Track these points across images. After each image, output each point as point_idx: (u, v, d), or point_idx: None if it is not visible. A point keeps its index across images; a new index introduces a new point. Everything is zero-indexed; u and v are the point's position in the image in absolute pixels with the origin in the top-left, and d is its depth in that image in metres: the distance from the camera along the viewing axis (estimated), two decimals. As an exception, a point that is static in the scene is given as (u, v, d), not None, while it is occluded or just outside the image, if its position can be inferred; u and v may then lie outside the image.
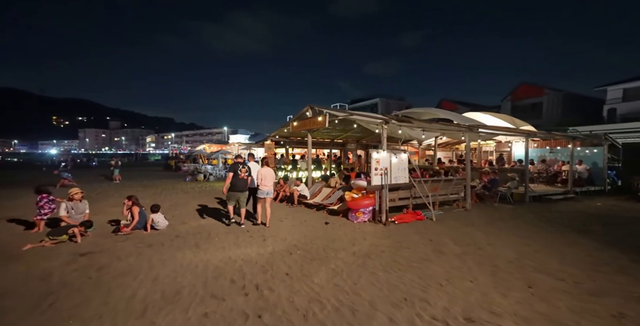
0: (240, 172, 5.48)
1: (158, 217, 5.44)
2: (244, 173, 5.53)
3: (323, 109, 8.49)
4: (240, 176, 5.47)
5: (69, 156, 43.31)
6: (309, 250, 4.28)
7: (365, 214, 6.14)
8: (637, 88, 21.94)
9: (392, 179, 6.08)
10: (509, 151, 14.46)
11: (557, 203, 8.27)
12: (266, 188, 5.60)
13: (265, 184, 5.59)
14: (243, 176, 5.50)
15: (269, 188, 5.64)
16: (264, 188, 5.61)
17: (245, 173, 5.55)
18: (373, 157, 5.98)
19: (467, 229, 5.37)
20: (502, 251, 4.09)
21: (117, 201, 8.49)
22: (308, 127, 9.05)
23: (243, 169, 5.53)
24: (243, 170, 5.52)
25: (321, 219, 6.39)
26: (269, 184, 5.61)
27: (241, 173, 5.48)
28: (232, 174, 5.43)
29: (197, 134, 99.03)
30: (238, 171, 5.48)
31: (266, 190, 5.61)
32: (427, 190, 6.55)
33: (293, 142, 13.74)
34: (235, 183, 5.42)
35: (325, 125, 8.10)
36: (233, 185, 5.44)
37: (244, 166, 5.59)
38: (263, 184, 5.59)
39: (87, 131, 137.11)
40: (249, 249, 4.37)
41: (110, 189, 11.37)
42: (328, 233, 5.24)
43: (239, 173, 5.47)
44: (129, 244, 4.56)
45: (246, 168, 5.59)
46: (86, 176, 17.25)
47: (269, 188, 5.63)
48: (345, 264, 3.67)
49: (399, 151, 6.30)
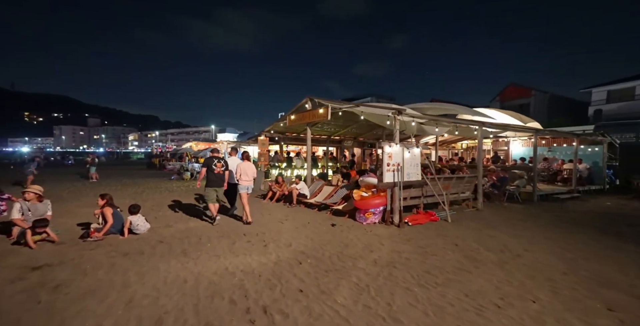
0: (215, 167, 5.15)
1: (137, 219, 4.61)
2: (220, 168, 5.21)
3: (324, 101, 7.84)
4: (216, 171, 5.16)
5: (42, 153, 40.38)
6: (320, 258, 3.62)
7: (375, 215, 5.54)
8: (621, 90, 22.74)
9: (404, 176, 5.52)
10: (506, 149, 14.37)
11: (566, 203, 8.02)
12: (247, 183, 5.38)
13: (245, 179, 5.35)
14: (219, 171, 5.19)
15: (250, 183, 5.42)
16: (244, 183, 5.37)
17: (222, 167, 5.23)
18: (385, 151, 5.39)
19: (490, 232, 4.87)
20: (545, 259, 3.56)
21: (90, 201, 7.49)
22: (307, 121, 8.38)
23: (218, 163, 5.21)
24: (218, 165, 5.20)
25: (326, 221, 5.74)
26: (250, 179, 5.39)
27: (216, 167, 5.16)
28: (206, 169, 5.14)
29: (184, 133, 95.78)
30: (212, 165, 5.15)
31: (246, 185, 5.39)
32: (440, 189, 6.04)
33: (288, 139, 13.01)
34: (211, 178, 5.14)
35: (327, 118, 7.45)
36: (210, 181, 5.15)
37: (220, 160, 5.27)
38: (243, 179, 5.34)
39: (63, 128, 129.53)
40: (249, 257, 3.65)
41: (84, 188, 10.23)
42: (337, 237, 4.59)
43: (213, 168, 5.14)
44: (99, 253, 3.73)
45: (222, 162, 5.27)
46: (60, 175, 15.79)
47: (249, 182, 5.40)
48: (369, 277, 3.04)
49: (411, 145, 5.75)
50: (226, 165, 5.33)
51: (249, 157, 5.65)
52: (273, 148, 14.91)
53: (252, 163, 5.59)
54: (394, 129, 5.52)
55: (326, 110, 7.52)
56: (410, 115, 5.59)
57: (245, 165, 5.42)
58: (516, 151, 14.20)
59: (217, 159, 5.27)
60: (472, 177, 6.85)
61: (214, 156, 5.33)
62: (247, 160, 5.54)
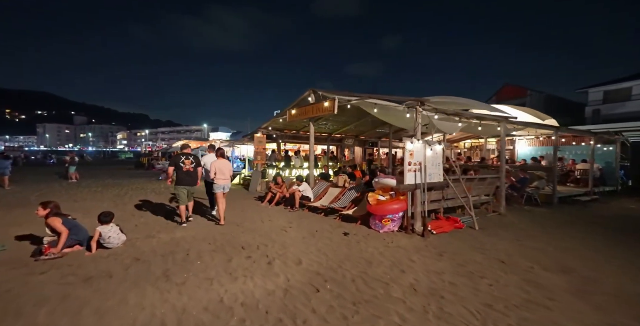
0: (183, 164, 4.85)
1: (109, 230, 3.73)
2: (189, 165, 4.90)
3: (330, 93, 7.07)
4: (185, 168, 4.86)
5: (21, 152, 38.24)
6: (341, 282, 2.85)
7: (393, 222, 4.81)
8: (617, 90, 22.79)
9: (427, 177, 4.81)
10: (511, 148, 13.93)
11: (587, 206, 7.49)
12: (222, 182, 5.04)
13: (221, 177, 5.02)
14: (188, 169, 4.89)
15: (226, 182, 5.10)
16: (220, 182, 5.02)
17: (191, 164, 4.92)
18: (407, 149, 4.66)
19: (530, 243, 4.18)
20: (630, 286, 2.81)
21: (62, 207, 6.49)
22: (310, 116, 7.57)
23: (187, 160, 4.91)
24: (187, 162, 4.90)
25: (336, 229, 4.97)
26: (226, 178, 5.08)
27: (185, 165, 4.85)
28: (173, 168, 4.84)
29: (175, 131, 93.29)
30: (180, 163, 4.85)
31: (222, 184, 5.04)
32: (461, 191, 5.35)
33: (286, 137, 12.19)
34: (180, 176, 4.83)
35: (333, 112, 6.68)
36: (179, 179, 4.85)
37: (189, 157, 4.97)
38: (218, 177, 5.00)
39: (47, 126, 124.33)
40: (251, 281, 2.85)
41: (59, 190, 9.15)
42: (354, 250, 3.83)
43: (181, 165, 4.84)
44: (52, 278, 2.86)
45: (190, 159, 4.96)
46: (38, 175, 14.53)
47: (225, 181, 5.08)
48: (414, 315, 2.28)
49: (433, 142, 5.04)
50: (196, 162, 5.01)
51: (223, 154, 5.34)
52: (269, 147, 14.06)
53: (227, 160, 5.29)
54: (415, 123, 4.79)
55: (332, 103, 6.74)
56: (433, 107, 4.88)
57: (220, 163, 5.05)
58: (522, 151, 13.79)
59: (186, 155, 4.96)
60: (494, 178, 6.21)
61: (182, 152, 5.04)
62: (222, 157, 5.20)
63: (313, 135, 7.77)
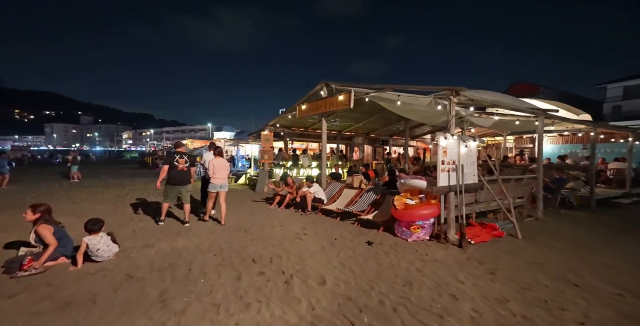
0: (177, 163, 4.75)
1: (98, 241, 3.19)
2: (183, 164, 4.81)
3: (344, 86, 6.46)
4: (179, 167, 4.76)
5: (28, 151, 38.46)
6: (381, 313, 2.25)
7: (424, 229, 4.20)
8: (638, 86, 21.71)
9: (462, 178, 4.19)
10: (531, 147, 13.14)
11: (629, 209, 6.77)
12: (219, 181, 4.97)
13: (218, 176, 4.95)
14: (182, 168, 4.80)
15: (223, 181, 5.02)
16: (217, 181, 4.94)
17: (185, 164, 4.83)
18: (440, 145, 4.05)
19: (595, 257, 3.49)
20: None
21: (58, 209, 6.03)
22: (322, 111, 6.99)
23: (181, 159, 4.81)
24: (181, 161, 4.80)
25: (357, 236, 4.38)
26: (223, 177, 5.01)
27: (179, 164, 4.76)
28: (168, 166, 4.71)
29: (179, 131, 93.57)
30: (174, 162, 4.74)
31: (219, 183, 4.98)
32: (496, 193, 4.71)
33: (294, 135, 11.63)
34: (172, 175, 4.75)
35: (349, 106, 6.08)
36: (171, 178, 4.77)
37: (183, 156, 4.87)
38: (215, 176, 4.93)
39: (55, 125, 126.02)
40: (266, 309, 2.28)
41: (58, 191, 8.72)
42: (385, 265, 3.24)
43: (175, 165, 4.74)
44: (22, 303, 2.32)
45: (185, 158, 4.86)
46: (40, 174, 14.22)
47: (222, 180, 5.00)
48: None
49: (467, 137, 4.41)
50: (191, 161, 4.92)
51: (221, 153, 5.24)
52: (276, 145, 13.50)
53: (224, 159, 5.22)
54: (449, 116, 4.17)
55: (347, 96, 6.14)
56: (469, 97, 4.25)
57: (217, 162, 4.99)
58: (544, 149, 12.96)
59: (180, 154, 4.86)
60: (531, 178, 5.55)
61: (177, 151, 4.93)
62: (220, 156, 5.13)
63: (325, 132, 7.17)
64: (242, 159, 16.41)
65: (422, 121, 7.13)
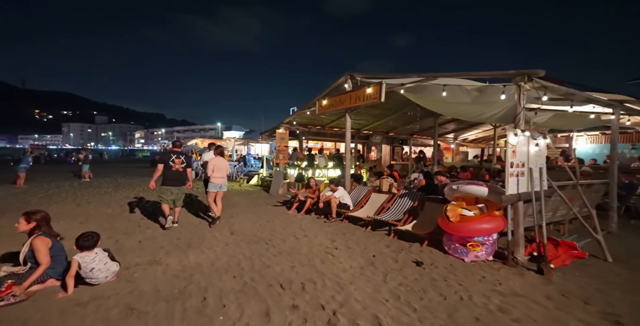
0: (173, 163, 4.58)
1: (92, 259, 2.59)
2: (179, 165, 4.64)
3: (372, 76, 5.72)
4: (174, 168, 4.59)
5: (45, 149, 39.40)
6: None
7: (485, 247, 3.43)
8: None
9: (531, 184, 3.40)
10: (567, 147, 12.02)
11: None
12: (219, 181, 4.93)
13: (217, 176, 4.90)
14: (178, 169, 4.63)
15: (222, 181, 4.97)
16: (216, 181, 4.90)
17: (181, 164, 4.67)
18: (509, 143, 3.27)
19: None
20: None
21: (61, 211, 5.58)
22: (347, 106, 6.28)
23: (177, 160, 4.64)
24: (177, 161, 4.63)
25: (398, 252, 3.67)
26: (223, 176, 4.96)
27: (174, 164, 4.59)
28: (162, 166, 4.55)
29: (189, 130, 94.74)
30: (170, 162, 4.57)
31: (219, 183, 4.93)
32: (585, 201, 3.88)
33: (310, 133, 10.96)
34: (167, 176, 4.59)
35: (380, 99, 5.36)
36: (166, 179, 4.60)
37: (179, 156, 4.69)
38: (215, 176, 4.88)
39: (72, 125, 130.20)
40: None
41: (67, 191, 8.35)
42: (452, 299, 2.50)
43: (171, 165, 4.57)
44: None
45: (181, 158, 4.69)
46: (54, 172, 14.13)
47: (222, 180, 4.96)
48: None
49: (537, 133, 3.61)
50: (187, 162, 4.74)
51: (222, 153, 5.13)
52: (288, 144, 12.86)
53: (225, 159, 5.10)
54: (519, 107, 3.38)
55: (377, 89, 5.41)
56: (543, 84, 3.44)
57: (218, 161, 4.91)
58: (582, 149, 11.84)
59: (176, 154, 4.65)
60: (602, 184, 4.68)
61: (173, 150, 4.72)
62: (220, 155, 5.02)
63: (350, 130, 6.43)
64: (252, 159, 15.85)
65: (465, 117, 6.27)
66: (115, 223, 4.94)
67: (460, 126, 11.73)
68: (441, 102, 4.95)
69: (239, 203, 7.25)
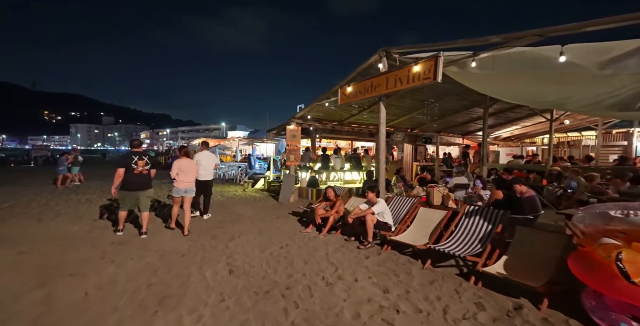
0: (135, 165, 4.05)
1: None
2: (143, 167, 4.10)
3: (422, 51, 4.21)
4: (137, 170, 4.06)
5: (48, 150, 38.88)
6: None
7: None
8: None
9: None
10: (625, 144, 10.31)
11: None
12: (184, 185, 4.41)
13: (182, 179, 4.40)
14: (142, 171, 4.10)
15: (188, 185, 4.46)
16: (181, 185, 4.40)
17: (145, 166, 4.13)
18: None
19: None
20: None
21: (8, 232, 4.16)
22: (382, 92, 4.79)
23: (140, 161, 4.10)
24: (140, 163, 4.09)
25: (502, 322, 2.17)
26: (189, 180, 4.47)
27: (137, 166, 4.06)
28: (124, 169, 4.03)
29: (194, 130, 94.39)
30: (132, 164, 4.04)
31: (184, 187, 4.42)
32: None
33: (325, 131, 9.47)
34: (129, 179, 4.06)
35: (435, 79, 3.88)
36: (127, 183, 4.07)
37: (143, 157, 4.15)
38: (180, 179, 4.39)
39: (79, 126, 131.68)
40: None
41: (42, 199, 7.06)
42: None
43: (133, 167, 4.04)
44: None
45: (145, 160, 4.16)
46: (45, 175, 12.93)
47: (188, 184, 4.45)
48: None
49: None
50: (152, 162, 4.28)
51: (187, 153, 4.63)
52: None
53: (192, 161, 4.70)
54: None
55: (431, 65, 3.92)
56: None
57: (184, 163, 4.45)
58: None
59: (138, 155, 4.14)
60: None
61: (134, 151, 4.21)
62: (186, 156, 4.56)
63: (384, 123, 4.91)
64: (258, 160, 14.36)
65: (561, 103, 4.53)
66: (72, 252, 3.56)
67: (498, 121, 10.12)
68: (539, 81, 3.40)
69: (243, 215, 5.84)
